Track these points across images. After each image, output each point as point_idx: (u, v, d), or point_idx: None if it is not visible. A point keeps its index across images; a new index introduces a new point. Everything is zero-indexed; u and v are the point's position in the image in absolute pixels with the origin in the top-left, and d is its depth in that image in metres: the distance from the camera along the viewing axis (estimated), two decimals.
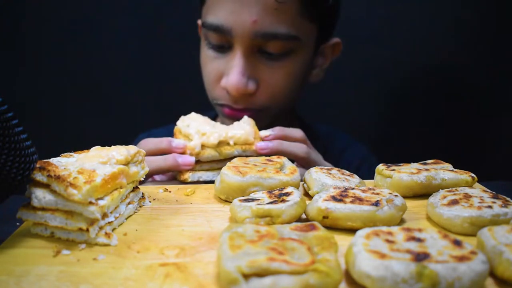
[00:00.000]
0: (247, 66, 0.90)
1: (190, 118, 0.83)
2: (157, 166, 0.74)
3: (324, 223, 0.54)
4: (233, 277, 0.38)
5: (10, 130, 0.48)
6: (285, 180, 0.64)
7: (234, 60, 0.90)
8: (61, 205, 0.51)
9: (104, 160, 0.57)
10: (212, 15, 0.90)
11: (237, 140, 0.77)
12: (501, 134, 1.45)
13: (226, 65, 0.92)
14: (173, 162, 0.74)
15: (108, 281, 0.43)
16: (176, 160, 0.74)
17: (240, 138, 0.77)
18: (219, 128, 0.79)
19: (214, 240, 0.52)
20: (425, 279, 0.38)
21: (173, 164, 0.74)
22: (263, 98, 0.94)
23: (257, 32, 0.87)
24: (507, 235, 0.45)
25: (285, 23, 0.88)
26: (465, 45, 1.42)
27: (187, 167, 0.75)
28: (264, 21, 0.86)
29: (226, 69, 0.92)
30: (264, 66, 0.92)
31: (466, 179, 0.65)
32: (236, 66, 0.89)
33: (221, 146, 0.77)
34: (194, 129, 0.78)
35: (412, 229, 0.46)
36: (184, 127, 0.80)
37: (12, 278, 0.44)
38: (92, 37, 1.46)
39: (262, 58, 0.91)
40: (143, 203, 0.64)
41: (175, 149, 0.76)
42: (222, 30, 0.88)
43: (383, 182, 0.67)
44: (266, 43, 0.89)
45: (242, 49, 0.89)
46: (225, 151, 0.76)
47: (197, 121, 0.81)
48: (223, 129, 0.78)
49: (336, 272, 0.39)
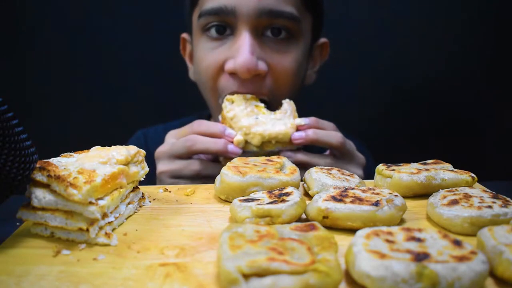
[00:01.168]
0: (255, 46, 0.87)
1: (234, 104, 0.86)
2: (206, 146, 0.80)
3: (324, 223, 0.54)
4: (233, 277, 0.38)
5: (10, 130, 0.48)
6: (285, 180, 0.64)
7: (239, 40, 0.87)
8: (61, 205, 0.51)
9: (104, 160, 0.57)
10: (211, 1, 0.88)
11: (279, 140, 0.81)
12: (501, 134, 1.45)
13: (229, 50, 0.89)
14: (223, 147, 0.79)
15: (108, 281, 0.43)
16: (226, 147, 0.80)
17: (282, 139, 0.81)
18: (262, 121, 0.83)
19: (214, 240, 0.52)
20: (425, 279, 0.38)
21: (222, 149, 0.79)
22: (272, 83, 0.91)
23: (262, 9, 0.85)
24: (507, 235, 0.45)
25: (289, 3, 0.88)
26: (465, 45, 1.42)
27: (233, 156, 0.79)
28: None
29: (230, 54, 0.88)
30: (270, 49, 0.89)
31: (466, 179, 0.65)
32: (244, 45, 0.85)
33: (264, 145, 0.82)
34: (238, 122, 0.83)
35: (412, 229, 0.46)
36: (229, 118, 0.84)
37: (12, 278, 0.44)
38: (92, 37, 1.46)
39: (267, 41, 0.89)
40: (143, 203, 0.64)
41: (226, 136, 0.81)
42: (225, 11, 0.86)
43: (383, 182, 0.67)
44: (270, 23, 0.87)
45: (248, 28, 0.86)
46: (267, 148, 0.82)
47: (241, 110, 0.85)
48: (266, 126, 0.82)
49: (336, 272, 0.39)
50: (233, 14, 0.86)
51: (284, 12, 0.87)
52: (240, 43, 0.86)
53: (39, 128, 1.20)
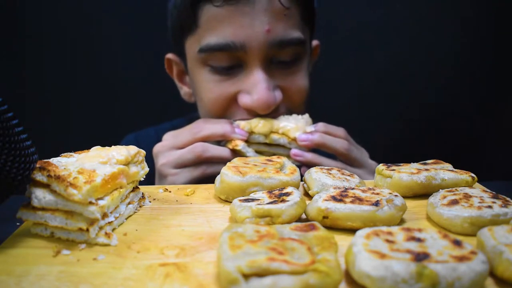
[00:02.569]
0: (269, 79, 0.86)
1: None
2: (212, 131, 0.82)
3: (324, 223, 0.54)
4: (233, 277, 0.38)
5: (10, 130, 0.48)
6: (285, 180, 0.64)
7: (253, 76, 0.85)
8: (61, 205, 0.51)
9: (104, 160, 0.57)
10: (215, 35, 0.84)
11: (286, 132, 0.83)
12: (501, 134, 1.45)
13: (241, 84, 0.87)
14: (230, 129, 0.83)
15: (108, 281, 0.43)
16: (233, 128, 0.83)
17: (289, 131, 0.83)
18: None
19: (214, 240, 0.52)
20: (425, 279, 0.38)
21: (229, 131, 0.82)
22: (288, 103, 0.90)
23: (272, 41, 0.83)
24: (507, 235, 0.45)
25: (294, 28, 0.86)
26: (465, 45, 1.42)
27: (240, 137, 0.82)
28: (276, 28, 0.83)
29: (243, 88, 0.87)
30: (281, 74, 0.88)
31: (466, 179, 0.65)
32: (260, 82, 0.84)
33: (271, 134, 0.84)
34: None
35: (412, 229, 0.46)
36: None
37: (12, 278, 0.44)
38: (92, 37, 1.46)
39: (277, 68, 0.88)
40: (143, 203, 0.64)
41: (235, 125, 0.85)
42: (233, 47, 0.83)
43: (383, 182, 0.67)
44: (279, 51, 0.86)
45: (259, 62, 0.85)
46: (273, 135, 0.83)
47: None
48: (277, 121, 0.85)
49: (336, 272, 0.39)
50: (243, 49, 0.83)
51: (292, 40, 0.86)
52: (254, 81, 0.84)
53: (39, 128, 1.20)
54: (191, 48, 0.90)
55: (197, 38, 0.87)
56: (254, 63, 0.85)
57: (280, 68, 0.88)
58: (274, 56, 0.86)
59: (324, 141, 0.80)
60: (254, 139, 0.84)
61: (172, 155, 0.83)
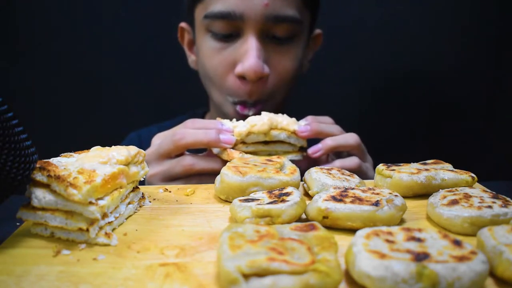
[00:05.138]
0: (261, 50, 0.92)
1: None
2: (195, 138, 0.75)
3: (324, 223, 0.54)
4: (233, 277, 0.38)
5: (10, 130, 0.48)
6: (285, 180, 0.64)
7: (246, 44, 0.92)
8: (61, 205, 0.51)
9: (104, 160, 0.57)
10: (220, 4, 0.92)
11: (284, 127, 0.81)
12: (501, 134, 1.45)
13: (237, 52, 0.94)
14: (214, 137, 0.75)
15: (108, 281, 0.43)
16: (217, 136, 0.75)
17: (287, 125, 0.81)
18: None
19: (214, 240, 0.52)
20: (425, 279, 0.38)
21: (213, 139, 0.75)
22: (273, 83, 0.96)
23: (269, 15, 0.90)
24: (507, 235, 0.45)
25: (292, 6, 0.93)
26: (465, 44, 1.42)
27: (227, 145, 0.76)
28: (274, 4, 0.90)
29: (238, 56, 0.93)
30: (272, 51, 0.95)
31: (466, 179, 0.65)
32: (252, 50, 0.91)
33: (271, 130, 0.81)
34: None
35: (412, 229, 0.46)
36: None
37: (12, 278, 0.44)
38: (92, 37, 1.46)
39: (270, 43, 0.94)
40: (143, 203, 0.64)
41: (224, 131, 0.77)
42: (233, 16, 0.90)
43: (383, 182, 0.67)
44: (274, 27, 0.92)
45: (254, 33, 0.91)
46: (273, 131, 0.81)
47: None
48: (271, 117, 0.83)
49: (336, 272, 0.39)
50: (241, 18, 0.90)
51: (288, 17, 0.92)
52: (247, 47, 0.91)
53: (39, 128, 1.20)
54: (199, 16, 0.99)
55: (205, 6, 0.95)
56: (250, 32, 0.91)
57: (274, 43, 0.94)
58: (269, 30, 0.93)
59: (321, 129, 0.82)
60: (253, 139, 0.82)
61: (160, 166, 0.79)
